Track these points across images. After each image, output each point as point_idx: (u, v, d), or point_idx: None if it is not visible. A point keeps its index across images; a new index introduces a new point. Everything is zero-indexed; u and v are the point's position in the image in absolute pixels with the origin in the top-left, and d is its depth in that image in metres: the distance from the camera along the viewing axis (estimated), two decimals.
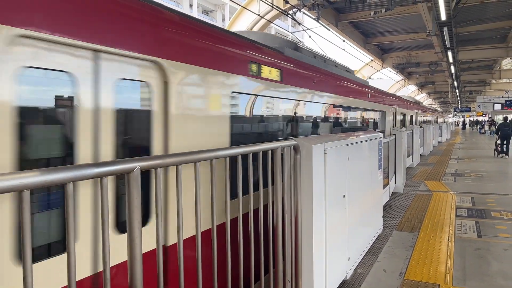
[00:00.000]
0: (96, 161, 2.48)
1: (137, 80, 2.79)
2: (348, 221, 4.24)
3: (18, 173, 1.29)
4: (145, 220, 2.86)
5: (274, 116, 5.04)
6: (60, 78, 2.32)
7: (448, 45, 17.27)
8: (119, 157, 2.66)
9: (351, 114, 8.69)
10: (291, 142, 3.22)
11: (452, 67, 24.06)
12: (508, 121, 17.54)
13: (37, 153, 2.23)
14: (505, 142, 16.89)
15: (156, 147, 2.93)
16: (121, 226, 2.68)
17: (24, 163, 2.14)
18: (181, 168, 2.06)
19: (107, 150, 2.56)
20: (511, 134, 16.97)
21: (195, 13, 42.38)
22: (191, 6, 44.30)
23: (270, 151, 2.94)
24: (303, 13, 15.33)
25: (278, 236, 3.10)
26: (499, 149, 16.93)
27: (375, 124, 11.13)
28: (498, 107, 34.07)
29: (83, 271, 2.41)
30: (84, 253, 2.43)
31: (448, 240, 5.61)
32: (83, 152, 2.42)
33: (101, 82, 2.54)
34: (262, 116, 4.73)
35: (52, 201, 2.33)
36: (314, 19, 14.62)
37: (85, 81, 2.43)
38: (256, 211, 3.70)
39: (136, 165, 1.74)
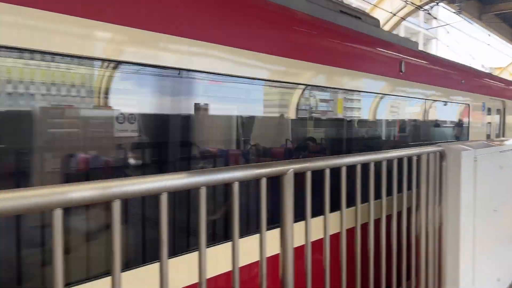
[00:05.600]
0: None
1: None
2: (499, 238, 3.83)
3: (161, 175, 1.46)
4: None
5: None
6: None
7: None
8: None
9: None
10: (437, 148, 3.06)
11: None
12: None
13: None
14: None
15: None
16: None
17: None
18: (329, 171, 2.15)
19: None
20: None
21: None
22: None
23: (414, 157, 2.85)
24: (442, 7, 14.16)
25: (420, 245, 2.97)
26: None
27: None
28: None
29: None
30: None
31: None
32: None
33: None
34: None
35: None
36: (454, 12, 13.41)
37: None
38: (391, 217, 3.60)
39: (290, 167, 1.90)
